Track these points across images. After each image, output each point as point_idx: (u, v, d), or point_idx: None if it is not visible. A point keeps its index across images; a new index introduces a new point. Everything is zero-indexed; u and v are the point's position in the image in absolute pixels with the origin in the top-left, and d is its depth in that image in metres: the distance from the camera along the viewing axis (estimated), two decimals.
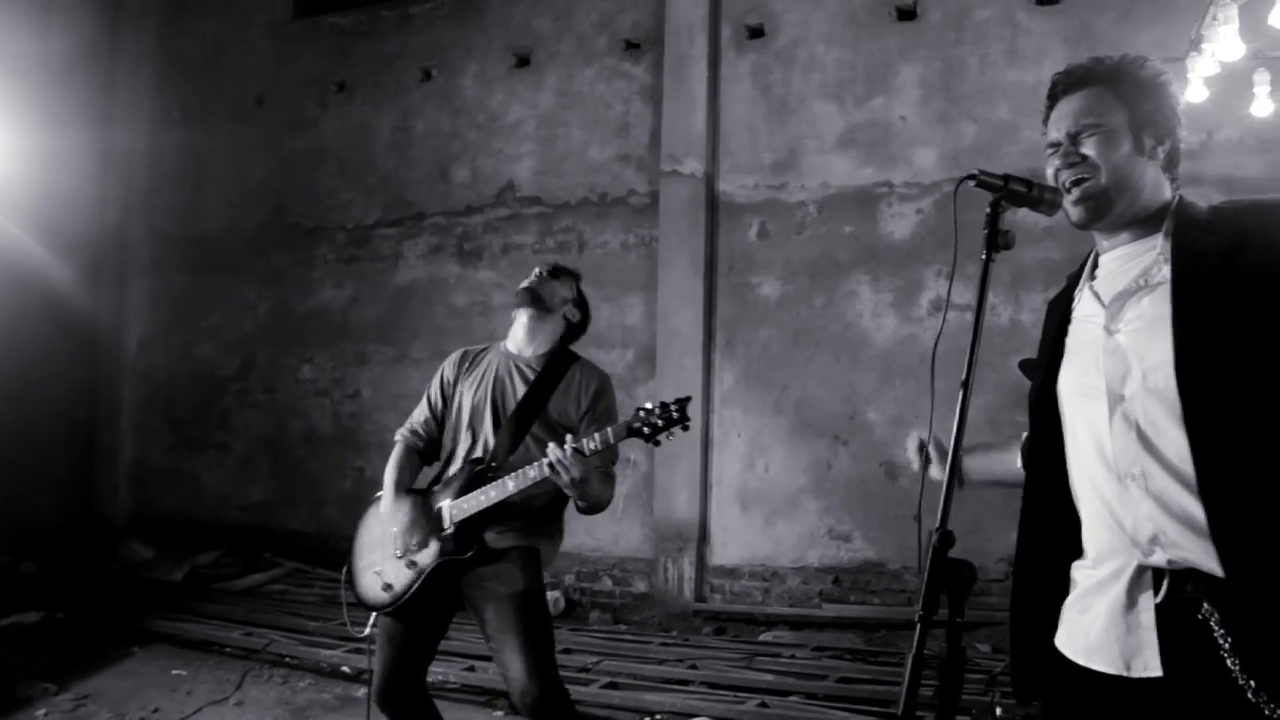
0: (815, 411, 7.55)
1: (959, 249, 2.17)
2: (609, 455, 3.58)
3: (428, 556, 3.65)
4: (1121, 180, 2.11)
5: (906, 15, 7.69)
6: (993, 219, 2.13)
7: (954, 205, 2.17)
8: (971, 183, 2.14)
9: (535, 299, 3.81)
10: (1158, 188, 2.15)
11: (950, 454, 2.07)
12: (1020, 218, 6.65)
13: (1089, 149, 2.13)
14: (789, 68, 7.90)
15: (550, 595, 8.12)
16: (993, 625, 6.45)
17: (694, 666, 6.24)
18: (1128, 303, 2.10)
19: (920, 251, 7.41)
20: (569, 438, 3.35)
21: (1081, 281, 2.25)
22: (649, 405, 3.35)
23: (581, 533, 8.27)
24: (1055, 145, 2.19)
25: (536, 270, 3.93)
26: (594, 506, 3.58)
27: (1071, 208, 2.15)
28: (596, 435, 3.35)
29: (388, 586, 3.68)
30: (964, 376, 2.08)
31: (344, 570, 3.95)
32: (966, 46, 7.52)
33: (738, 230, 7.90)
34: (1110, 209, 2.13)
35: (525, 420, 3.69)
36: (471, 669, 6.14)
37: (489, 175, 8.78)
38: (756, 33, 8.03)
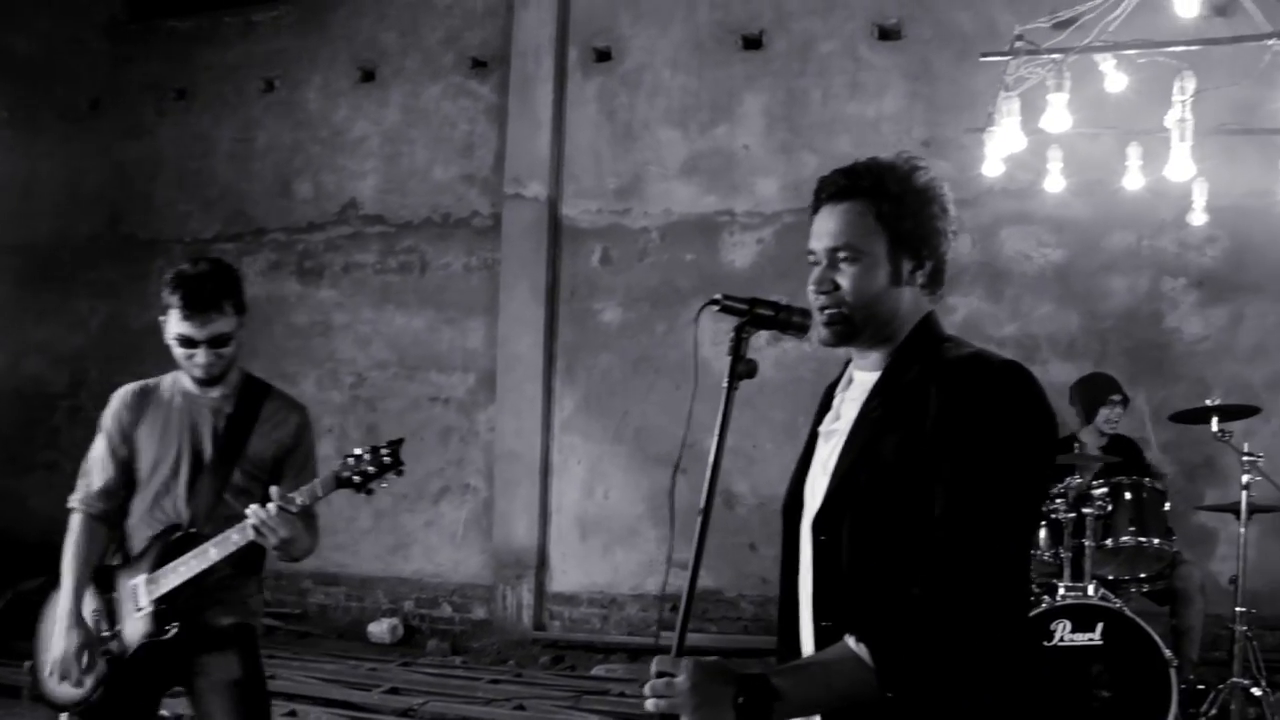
0: (655, 439, 7.52)
1: (699, 369, 2.16)
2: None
3: (122, 643, 3.20)
4: (873, 312, 2.06)
5: (752, 44, 7.72)
6: (736, 345, 2.09)
7: (694, 332, 2.14)
8: (715, 307, 2.12)
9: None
10: (914, 310, 2.10)
11: (690, 570, 2.12)
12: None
13: (843, 278, 2.06)
14: (635, 92, 7.87)
15: (388, 623, 7.98)
16: None
17: (521, 707, 6.14)
18: (838, 423, 2.14)
19: (761, 281, 7.43)
20: (273, 492, 3.00)
21: (837, 391, 2.23)
22: (359, 451, 3.09)
23: (421, 558, 8.14)
24: (812, 257, 2.13)
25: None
26: (300, 558, 3.27)
27: (820, 329, 2.10)
28: (304, 489, 3.04)
29: (79, 681, 3.19)
30: (702, 505, 2.12)
31: (27, 667, 3.38)
32: (810, 78, 7.58)
33: (580, 255, 7.84)
34: (858, 336, 2.09)
35: (223, 471, 3.27)
36: None
37: (331, 191, 8.57)
38: (604, 56, 7.99)
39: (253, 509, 2.98)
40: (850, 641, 1.88)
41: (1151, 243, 6.95)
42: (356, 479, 3.07)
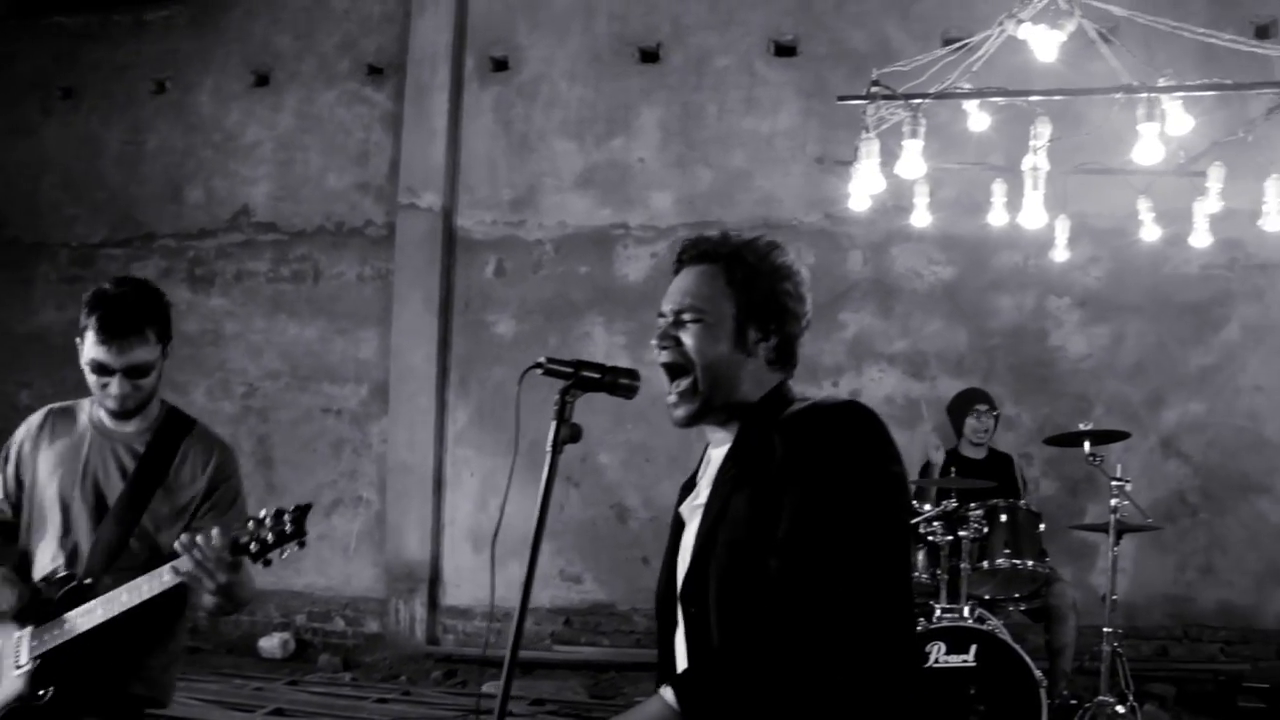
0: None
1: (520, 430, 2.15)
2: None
3: None
4: (715, 376, 2.08)
5: (649, 57, 7.71)
6: (561, 409, 2.13)
7: (517, 396, 2.09)
8: (539, 371, 2.15)
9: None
10: (758, 383, 2.12)
11: (518, 614, 2.16)
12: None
13: (686, 336, 2.09)
14: (531, 103, 7.81)
15: (279, 637, 7.85)
16: None
17: None
18: (698, 500, 2.15)
19: (654, 295, 7.34)
20: (215, 532, 2.64)
21: (698, 476, 2.24)
22: (261, 515, 2.70)
23: (313, 571, 8.02)
24: (661, 318, 2.16)
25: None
26: (239, 608, 2.96)
27: (671, 410, 2.13)
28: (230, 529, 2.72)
29: None
30: (526, 571, 2.21)
31: None
32: (706, 92, 7.58)
33: (475, 267, 7.78)
34: (707, 412, 2.11)
35: (130, 515, 2.95)
36: None
37: (223, 198, 8.38)
38: (501, 65, 7.92)
39: (181, 540, 2.63)
40: (663, 689, 1.92)
41: (1037, 262, 7.06)
42: (254, 547, 2.67)
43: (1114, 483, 5.29)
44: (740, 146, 7.44)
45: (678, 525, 2.22)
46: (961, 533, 5.30)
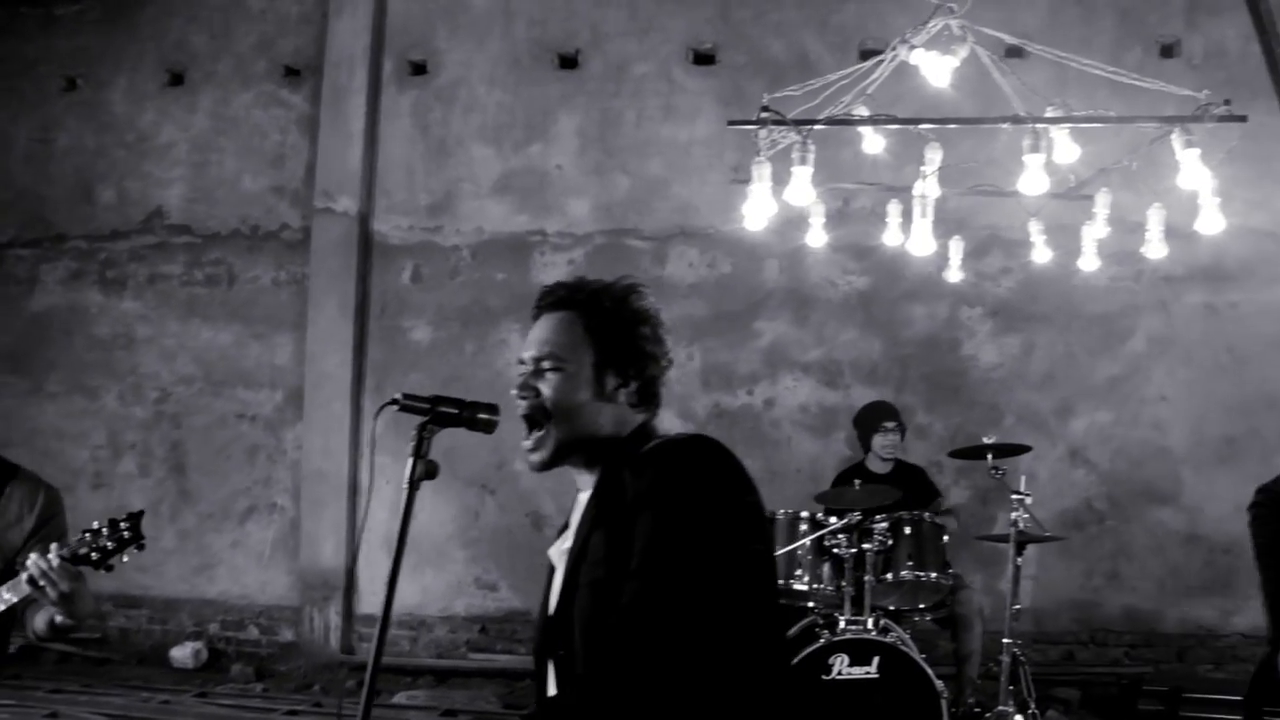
0: (464, 460, 7.43)
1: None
2: None
3: None
4: (574, 424, 2.10)
5: (568, 63, 7.69)
6: (418, 445, 2.10)
7: (372, 433, 2.10)
8: (394, 406, 2.14)
9: None
10: (621, 425, 2.14)
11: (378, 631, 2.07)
12: (669, 271, 6.74)
13: (545, 385, 2.10)
14: (450, 108, 7.76)
15: (192, 646, 7.74)
16: None
17: None
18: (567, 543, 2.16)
19: None
20: (53, 547, 2.76)
21: (571, 518, 2.24)
22: (96, 525, 2.83)
23: (227, 579, 7.92)
24: (521, 365, 2.16)
25: None
26: (82, 622, 2.97)
27: (527, 456, 2.14)
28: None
29: None
30: (385, 595, 2.09)
31: None
32: (624, 99, 7.58)
33: (391, 272, 7.71)
34: (562, 458, 2.12)
35: None
36: None
37: (136, 199, 8.23)
38: (419, 69, 7.86)
39: (33, 559, 2.72)
40: None
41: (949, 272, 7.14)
42: (94, 555, 2.78)
43: (1014, 496, 5.38)
44: (658, 154, 7.45)
45: (549, 570, 2.23)
46: (865, 545, 5.35)
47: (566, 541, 2.16)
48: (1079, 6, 7.38)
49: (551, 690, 2.11)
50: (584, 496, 2.17)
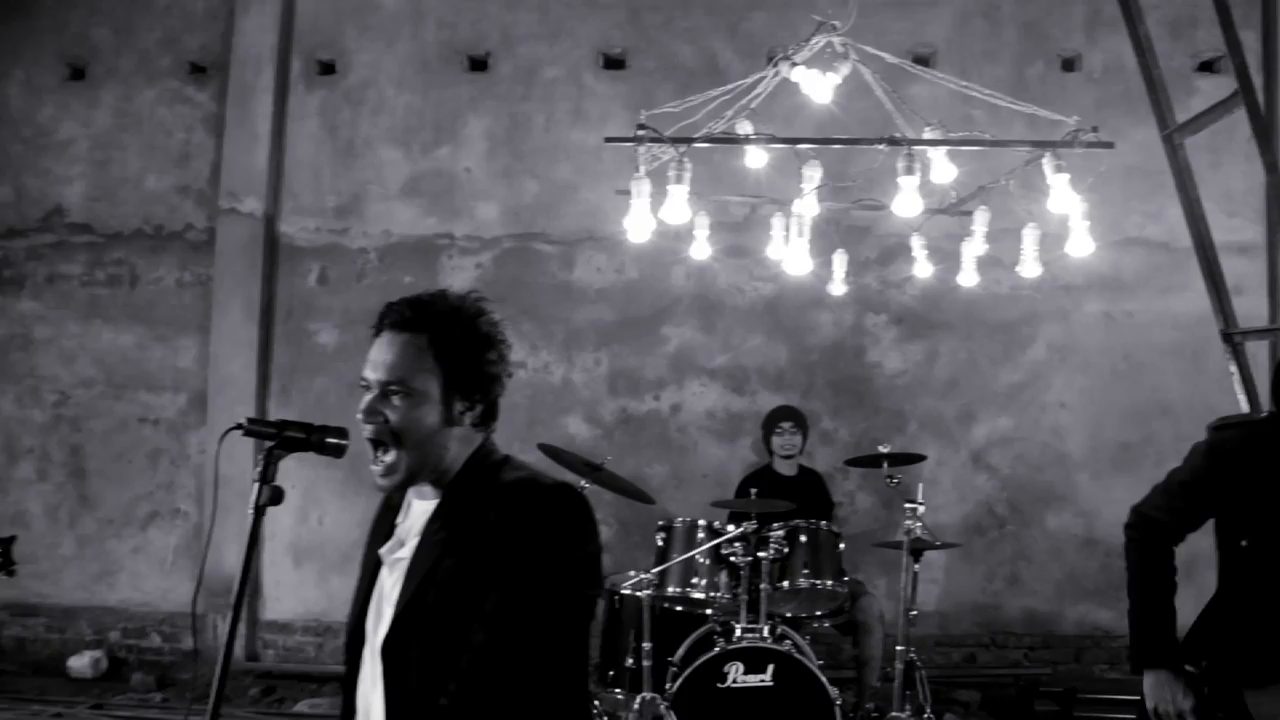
0: (368, 464, 7.35)
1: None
2: None
3: None
4: (423, 451, 2.12)
5: (478, 66, 7.64)
6: (265, 470, 2.12)
7: (216, 456, 2.17)
8: (239, 431, 2.13)
9: None
10: (465, 444, 2.18)
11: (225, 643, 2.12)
12: (577, 275, 6.73)
13: (393, 413, 2.12)
14: (358, 109, 7.67)
15: (91, 656, 7.58)
16: None
17: None
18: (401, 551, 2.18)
19: None
20: None
21: (398, 519, 2.26)
22: None
23: (128, 586, 7.77)
24: (364, 383, 2.16)
25: None
26: None
27: (375, 479, 2.16)
28: None
29: None
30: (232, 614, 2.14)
31: None
32: (534, 103, 7.55)
33: (297, 274, 7.61)
34: (411, 482, 2.16)
35: None
36: None
37: (35, 196, 8.01)
38: (328, 69, 7.75)
39: None
40: None
41: (856, 279, 7.20)
42: None
43: (906, 505, 5.45)
44: (567, 159, 7.43)
45: (373, 564, 2.25)
46: (761, 554, 5.38)
47: (403, 550, 2.18)
48: (985, 20, 7.49)
49: (368, 686, 2.17)
50: (421, 506, 2.20)
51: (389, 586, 2.17)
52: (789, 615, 5.65)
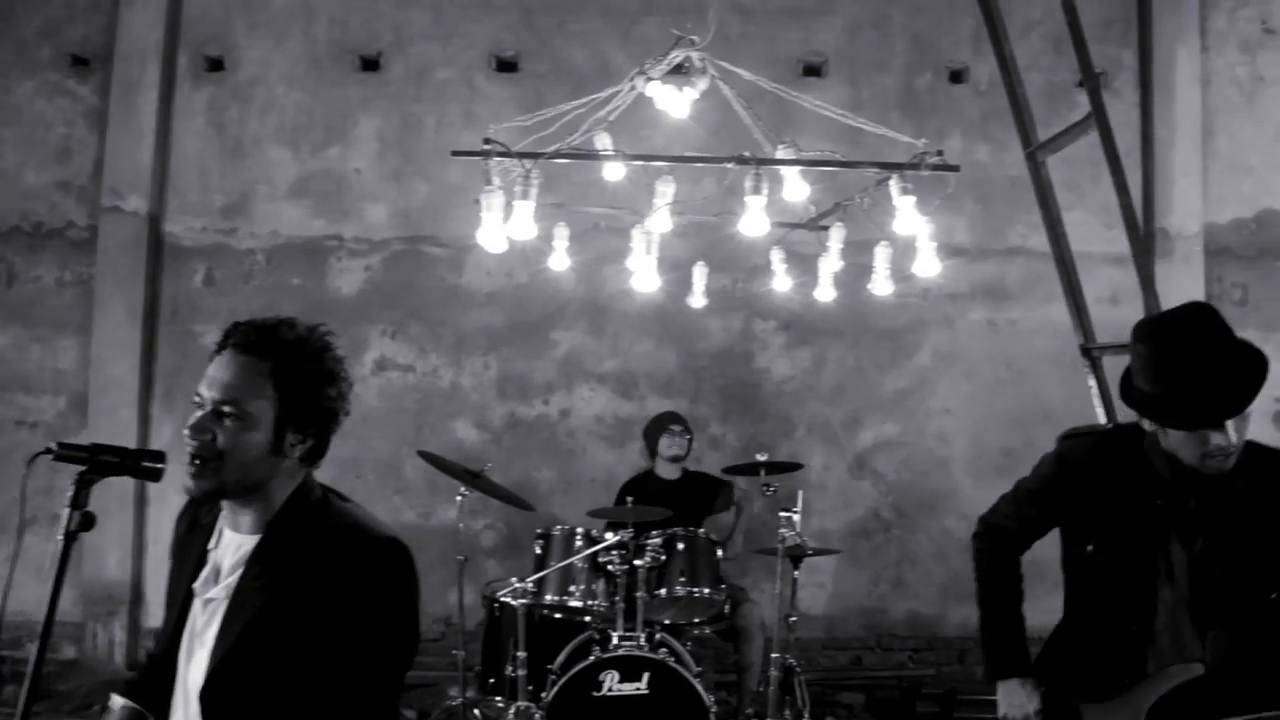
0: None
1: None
2: None
3: None
4: (245, 474, 2.10)
5: (370, 65, 7.57)
6: (76, 496, 2.09)
7: (23, 481, 2.24)
8: (50, 456, 2.09)
9: None
10: (288, 479, 2.15)
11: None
12: (466, 279, 6.63)
13: (222, 433, 2.08)
14: (247, 107, 7.54)
15: None
16: None
17: None
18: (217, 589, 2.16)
19: (366, 309, 7.33)
20: None
21: (209, 546, 2.23)
22: None
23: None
24: (198, 399, 2.12)
25: None
26: None
27: (185, 479, 2.12)
28: None
29: None
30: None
31: None
32: (425, 104, 7.49)
33: (183, 275, 7.47)
34: (221, 496, 2.15)
35: None
36: None
37: None
38: (216, 65, 7.61)
39: None
40: None
41: (745, 285, 7.27)
42: None
43: (781, 514, 5.51)
44: (458, 161, 7.33)
45: (184, 596, 2.22)
46: (639, 562, 5.39)
47: (217, 589, 2.16)
48: (876, 30, 7.57)
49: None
50: (234, 538, 2.18)
51: (201, 624, 2.15)
52: (668, 623, 5.68)
